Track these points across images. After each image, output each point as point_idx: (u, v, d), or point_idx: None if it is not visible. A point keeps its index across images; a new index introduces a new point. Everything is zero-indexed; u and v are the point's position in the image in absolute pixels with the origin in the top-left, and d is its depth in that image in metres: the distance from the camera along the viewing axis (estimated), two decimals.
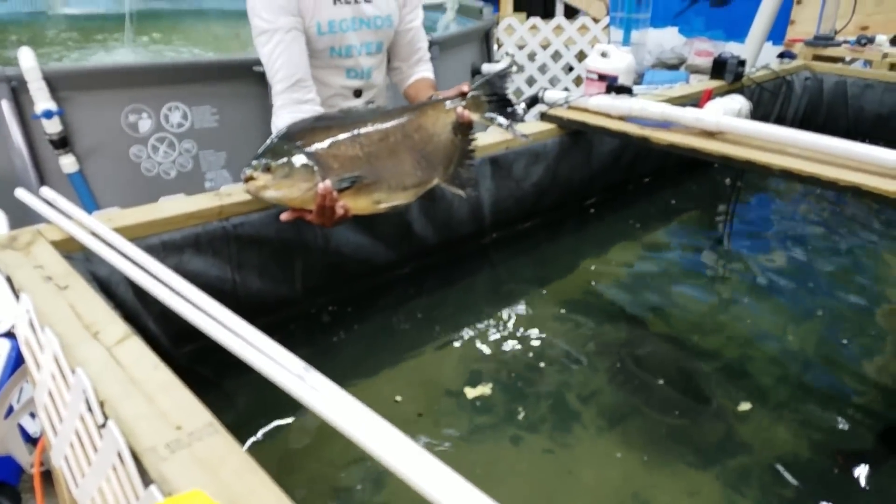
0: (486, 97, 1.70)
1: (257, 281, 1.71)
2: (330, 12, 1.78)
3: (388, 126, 1.60)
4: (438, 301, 1.95)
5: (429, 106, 1.69)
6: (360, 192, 1.53)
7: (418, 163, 1.63)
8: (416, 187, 1.64)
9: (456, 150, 1.69)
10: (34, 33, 5.25)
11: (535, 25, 4.27)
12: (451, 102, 1.68)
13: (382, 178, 1.57)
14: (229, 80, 2.57)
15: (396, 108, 1.70)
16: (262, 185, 1.47)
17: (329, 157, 1.50)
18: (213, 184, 2.64)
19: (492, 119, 1.72)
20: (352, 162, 1.53)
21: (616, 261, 2.22)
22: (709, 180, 2.95)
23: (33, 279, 1.18)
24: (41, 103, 2.26)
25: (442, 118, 1.66)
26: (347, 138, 1.53)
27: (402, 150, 1.60)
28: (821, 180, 1.74)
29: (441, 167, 1.68)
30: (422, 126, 1.64)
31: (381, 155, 1.57)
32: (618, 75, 2.29)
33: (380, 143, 1.57)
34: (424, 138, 1.64)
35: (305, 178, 1.47)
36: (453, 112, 1.67)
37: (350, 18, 1.81)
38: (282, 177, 1.46)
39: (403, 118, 1.63)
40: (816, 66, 3.37)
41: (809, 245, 2.36)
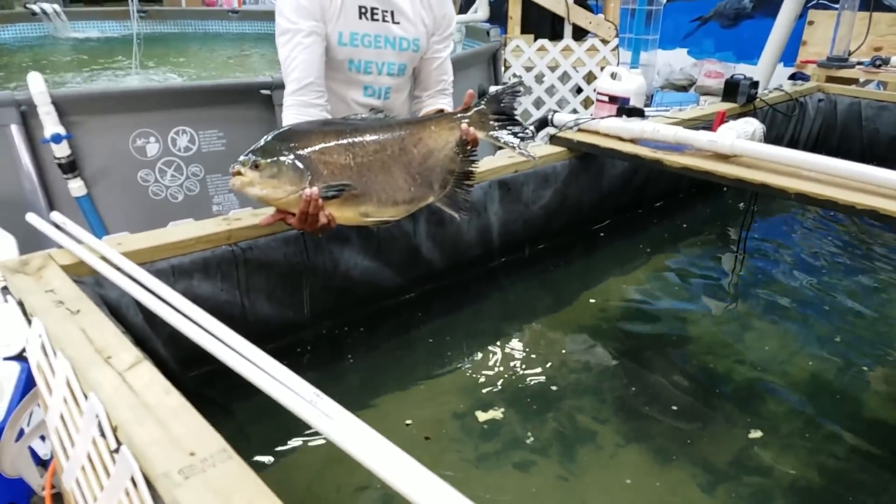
0: (493, 115, 1.65)
1: (266, 305, 1.69)
2: (353, 25, 1.76)
3: (386, 138, 1.56)
4: (447, 325, 1.92)
5: (432, 120, 1.64)
6: (347, 202, 1.50)
7: (413, 179, 1.58)
8: (408, 204, 1.60)
9: (455, 169, 1.63)
10: (42, 57, 5.31)
11: (544, 47, 4.29)
12: (455, 118, 1.63)
13: (372, 190, 1.53)
14: (236, 103, 2.60)
15: (400, 119, 1.66)
16: (248, 182, 1.43)
17: (319, 163, 1.46)
18: (220, 208, 2.65)
19: (497, 138, 1.66)
20: (342, 170, 1.49)
21: (627, 285, 2.20)
22: (721, 204, 2.92)
23: (45, 304, 1.17)
24: (50, 128, 2.28)
25: (444, 134, 1.62)
26: (341, 146, 1.50)
27: (397, 163, 1.56)
28: (837, 204, 1.72)
29: (437, 185, 1.62)
30: (422, 141, 1.59)
31: (373, 167, 1.53)
32: (629, 97, 2.29)
33: (374, 154, 1.53)
34: (423, 154, 1.59)
35: (292, 181, 1.44)
36: (457, 128, 1.62)
37: (373, 35, 1.79)
38: (268, 176, 1.42)
39: (404, 131, 1.59)
40: (830, 88, 3.36)
41: (824, 270, 2.33)
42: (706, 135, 2.01)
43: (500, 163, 2.11)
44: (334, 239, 1.75)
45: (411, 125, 1.62)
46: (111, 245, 1.41)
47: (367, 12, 1.77)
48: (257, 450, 1.41)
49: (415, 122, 1.64)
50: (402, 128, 1.59)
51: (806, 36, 5.32)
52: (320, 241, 1.73)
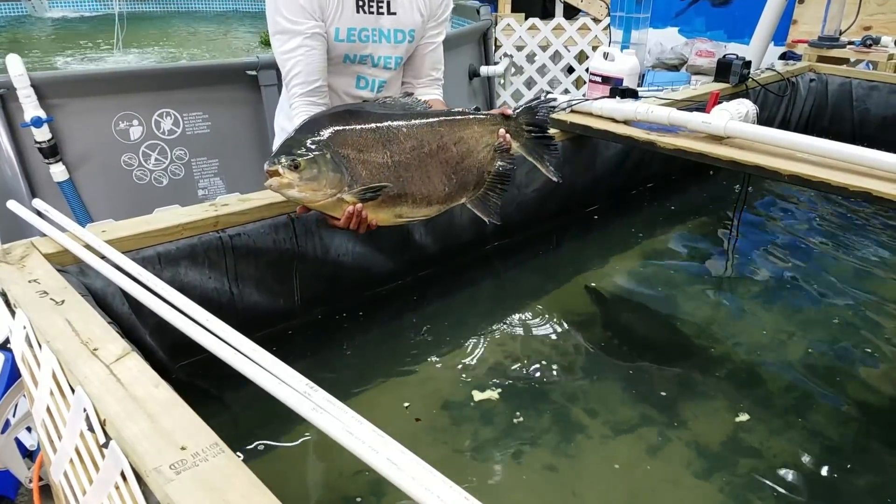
0: (527, 126, 1.63)
1: (255, 293, 1.66)
2: (351, 20, 1.71)
3: (424, 134, 1.50)
4: (441, 311, 1.90)
5: (475, 120, 1.59)
6: (383, 203, 1.46)
7: (449, 178, 1.54)
8: (441, 203, 1.56)
9: (491, 171, 1.60)
10: (20, 37, 5.19)
11: (535, 26, 4.23)
12: (497, 121, 1.60)
13: (408, 190, 1.48)
14: (221, 84, 2.54)
15: (438, 112, 1.59)
16: (287, 184, 1.38)
17: (358, 163, 1.41)
18: (206, 192, 2.60)
19: (528, 151, 1.66)
20: (380, 170, 1.44)
21: (620, 268, 2.19)
22: (714, 185, 2.92)
23: (29, 295, 1.14)
24: (30, 111, 2.22)
25: (486, 137, 1.58)
26: (380, 143, 1.44)
27: (435, 161, 1.51)
28: (831, 185, 1.71)
29: (472, 187, 1.59)
30: (463, 140, 1.55)
31: (410, 165, 1.48)
32: (622, 77, 2.26)
33: (411, 152, 1.48)
34: (462, 153, 1.55)
35: (332, 184, 1.39)
36: (497, 133, 1.59)
37: (370, 29, 1.74)
38: (308, 178, 1.38)
39: (444, 127, 1.53)
40: (821, 68, 3.35)
41: (817, 251, 2.33)
42: (700, 116, 1.99)
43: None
44: (324, 224, 1.72)
45: (452, 122, 1.56)
46: (95, 233, 1.37)
47: (364, 5, 1.72)
48: (249, 440, 1.39)
49: (456, 119, 1.58)
50: (442, 124, 1.54)
51: (796, 15, 5.30)
52: (310, 226, 1.70)
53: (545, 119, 1.67)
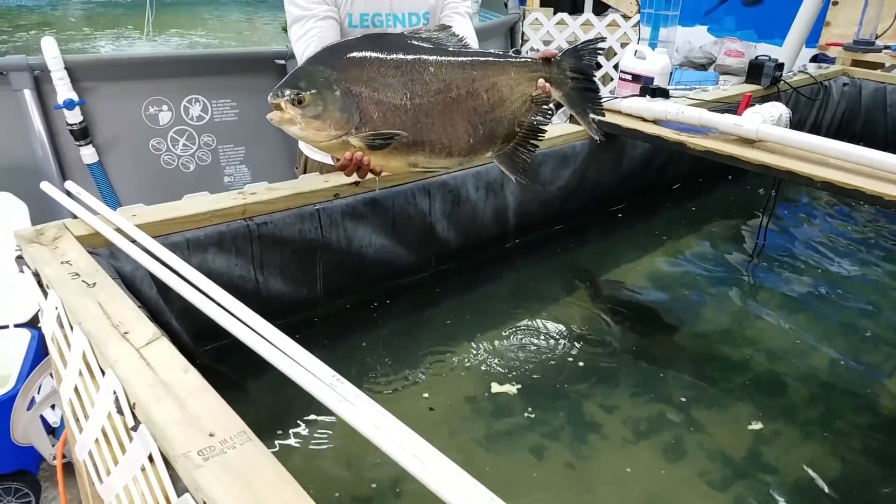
0: (571, 73, 1.44)
1: (280, 281, 1.68)
2: (365, 5, 1.71)
3: (453, 76, 1.33)
4: (461, 305, 1.90)
5: (513, 64, 1.41)
6: (396, 150, 1.32)
7: (475, 128, 1.38)
8: (463, 156, 1.41)
9: (525, 123, 1.44)
10: (53, 20, 5.26)
11: (563, 21, 4.20)
12: (537, 67, 1.42)
13: (426, 138, 1.33)
14: (250, 72, 2.55)
15: (473, 51, 1.40)
16: (288, 119, 1.27)
17: (371, 102, 1.27)
18: (231, 179, 2.62)
19: (570, 103, 1.47)
20: (395, 113, 1.29)
21: (643, 269, 2.17)
22: (740, 188, 2.88)
23: (61, 276, 1.15)
24: (63, 93, 2.25)
25: (523, 85, 1.41)
26: (399, 82, 1.29)
27: (462, 108, 1.35)
28: (864, 194, 1.68)
29: (500, 141, 1.43)
30: (496, 86, 1.38)
31: (433, 110, 1.32)
32: (653, 76, 2.23)
33: (437, 95, 1.32)
34: (494, 102, 1.38)
35: (337, 124, 1.27)
36: (534, 82, 1.41)
37: (384, 14, 1.75)
38: (311, 115, 1.26)
39: (476, 70, 1.36)
40: (855, 72, 3.28)
41: (846, 260, 2.29)
42: (731, 118, 1.97)
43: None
44: (349, 216, 1.73)
45: (487, 65, 1.38)
46: (126, 217, 1.39)
47: None
48: (271, 426, 1.40)
49: (491, 61, 1.40)
50: (476, 66, 1.37)
51: (829, 16, 5.20)
52: (335, 217, 1.71)
53: (592, 65, 1.50)
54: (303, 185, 1.67)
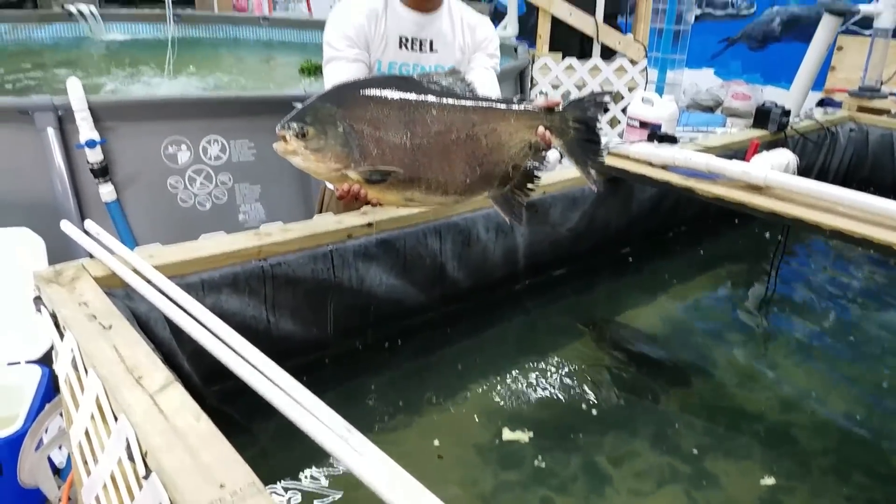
0: (574, 123, 1.48)
1: (291, 322, 1.69)
2: (394, 55, 1.78)
3: (454, 118, 1.39)
4: (471, 348, 1.91)
5: (513, 112, 1.45)
6: (393, 185, 1.37)
7: (473, 170, 1.42)
8: (459, 195, 1.45)
9: (520, 170, 1.48)
10: (76, 57, 5.39)
11: (571, 66, 4.27)
12: (537, 116, 1.46)
13: (423, 176, 1.38)
14: (269, 114, 2.60)
15: (476, 96, 1.45)
16: (291, 150, 1.34)
17: (371, 140, 1.33)
18: (246, 216, 2.66)
19: (571, 153, 1.50)
20: (395, 151, 1.35)
21: (654, 314, 2.17)
22: (749, 232, 2.89)
23: (78, 317, 1.17)
24: (85, 133, 2.30)
25: (522, 132, 1.45)
26: (400, 121, 1.34)
27: (460, 150, 1.40)
28: (873, 243, 1.68)
29: (497, 182, 1.47)
30: (496, 131, 1.43)
31: (432, 151, 1.37)
32: (661, 123, 2.27)
33: (437, 136, 1.37)
34: (492, 146, 1.43)
35: (337, 158, 1.33)
36: (535, 129, 1.45)
37: (412, 64, 1.81)
38: (313, 149, 1.32)
39: (477, 115, 1.41)
40: (862, 118, 3.31)
41: (857, 307, 2.28)
42: (739, 165, 1.99)
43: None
44: (361, 256, 1.75)
45: (487, 110, 1.44)
46: (143, 257, 1.41)
47: (408, 42, 1.78)
48: (280, 473, 1.40)
49: (493, 107, 1.45)
50: (476, 111, 1.42)
51: (835, 61, 5.28)
52: (348, 257, 1.73)
53: (595, 117, 1.51)
54: (317, 226, 1.70)
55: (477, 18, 1.89)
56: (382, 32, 1.75)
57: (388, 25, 1.76)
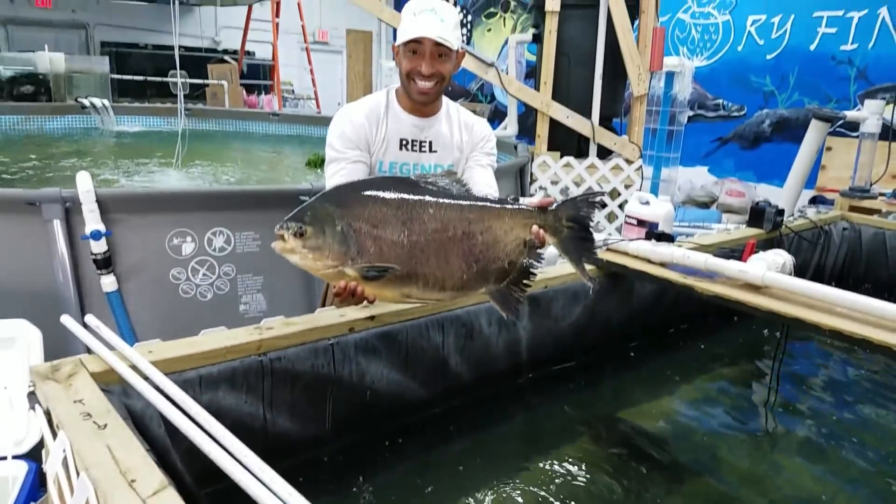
0: (568, 222, 1.53)
1: (288, 419, 1.66)
2: (394, 155, 1.85)
3: (451, 217, 1.43)
4: (473, 448, 1.86)
5: (507, 211, 1.49)
6: (390, 282, 1.40)
7: (469, 266, 1.45)
8: (456, 291, 1.48)
9: (516, 266, 1.51)
10: (87, 148, 5.55)
11: (569, 163, 4.41)
12: (531, 214, 1.51)
13: (420, 272, 1.41)
14: (275, 207, 2.66)
15: (471, 196, 1.50)
16: (289, 249, 1.37)
17: (369, 237, 1.37)
18: (247, 307, 2.65)
19: (566, 251, 1.54)
20: (392, 248, 1.38)
21: (657, 412, 2.13)
22: (750, 329, 2.88)
23: (73, 416, 1.16)
24: (91, 224, 2.33)
25: (517, 230, 1.50)
26: (398, 220, 1.38)
27: (457, 247, 1.43)
28: (873, 344, 1.68)
29: (493, 279, 1.50)
30: (491, 229, 1.47)
31: (429, 248, 1.41)
32: (658, 221, 2.31)
33: (433, 234, 1.41)
34: (488, 243, 1.47)
35: (335, 256, 1.36)
36: (529, 228, 1.50)
37: (412, 164, 1.88)
38: (311, 247, 1.36)
39: (473, 213, 1.46)
40: (854, 217, 3.39)
41: (861, 407, 2.25)
42: (737, 265, 2.01)
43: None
44: (363, 350, 1.74)
45: (483, 209, 1.48)
46: (142, 353, 1.40)
47: (408, 143, 1.85)
48: None
49: (488, 206, 1.50)
50: (472, 210, 1.46)
51: (825, 161, 5.45)
52: (349, 351, 1.72)
53: (589, 216, 1.55)
54: (319, 320, 1.70)
55: (474, 119, 1.97)
56: (384, 135, 1.83)
57: (389, 128, 1.83)
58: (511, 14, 9.10)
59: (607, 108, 4.58)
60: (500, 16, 9.25)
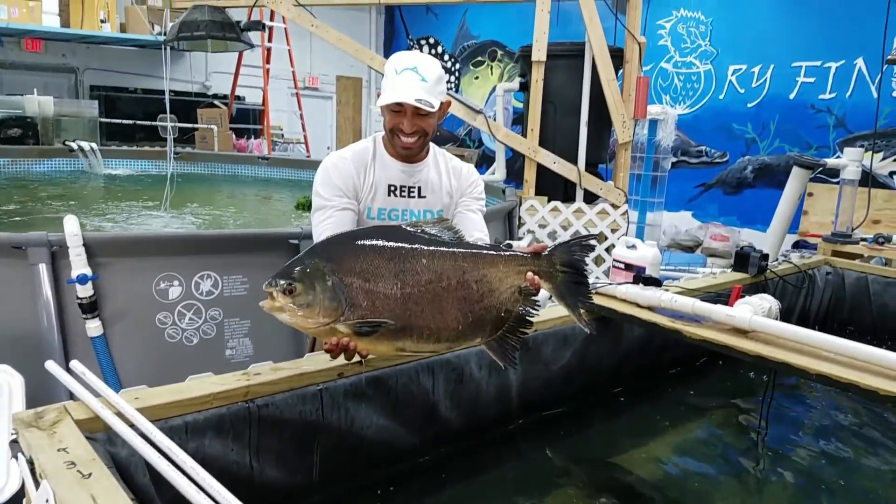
0: (561, 267, 1.50)
1: (275, 467, 1.62)
2: (383, 202, 1.85)
3: (444, 266, 1.40)
4: (464, 496, 1.83)
5: (501, 258, 1.47)
6: (383, 336, 1.36)
7: (465, 316, 1.42)
8: (451, 342, 1.44)
9: (512, 314, 1.47)
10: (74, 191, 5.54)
11: (557, 208, 4.47)
12: (526, 261, 1.48)
13: (415, 325, 1.37)
14: (262, 251, 2.65)
15: (464, 244, 1.48)
16: (279, 307, 1.33)
17: (360, 292, 1.33)
18: (233, 352, 2.63)
19: (561, 296, 1.52)
20: (385, 302, 1.35)
21: (648, 458, 2.11)
22: (738, 372, 2.88)
23: (57, 465, 1.13)
24: (78, 268, 2.31)
25: (512, 277, 1.47)
26: (390, 272, 1.35)
27: (451, 297, 1.40)
28: (860, 388, 1.69)
29: (489, 328, 1.46)
30: (486, 278, 1.44)
31: (422, 299, 1.37)
32: (645, 266, 2.34)
33: (428, 285, 1.38)
34: (483, 292, 1.43)
35: (326, 313, 1.32)
36: (524, 275, 1.47)
37: (400, 210, 1.88)
38: (301, 304, 1.32)
39: (467, 262, 1.42)
40: (837, 262, 3.44)
41: (850, 450, 2.24)
42: (724, 309, 2.03)
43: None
44: (351, 396, 1.72)
45: (477, 257, 1.45)
46: (128, 400, 1.38)
47: (396, 189, 1.85)
48: None
49: (481, 254, 1.47)
50: (466, 258, 1.43)
51: (807, 206, 5.57)
52: (338, 397, 1.70)
53: (582, 260, 1.53)
54: (307, 365, 1.68)
55: (461, 164, 1.98)
56: (371, 182, 1.82)
57: (377, 175, 1.83)
58: (498, 63, 9.33)
59: (593, 154, 4.68)
60: (487, 64, 9.47)
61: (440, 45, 9.28)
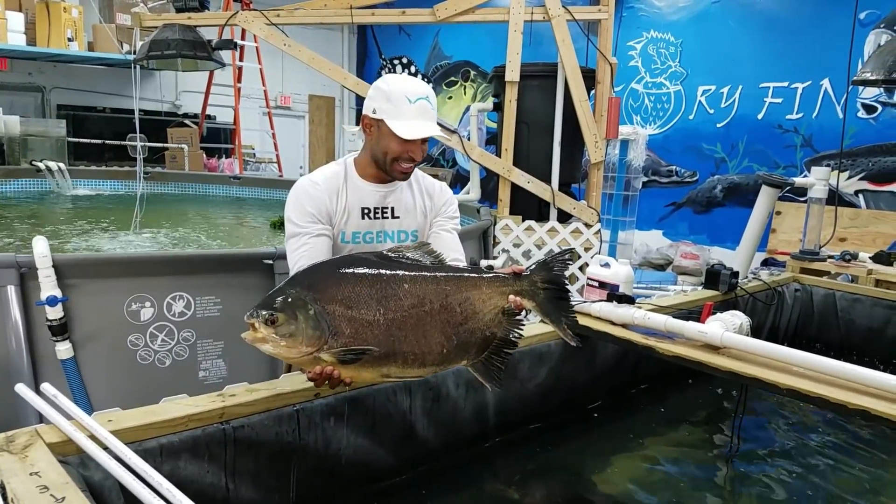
0: (543, 284, 1.52)
1: (251, 488, 1.61)
2: (357, 225, 1.82)
3: (427, 290, 1.40)
4: None
5: (483, 280, 1.48)
6: (368, 363, 1.36)
7: (449, 339, 1.42)
8: (437, 365, 1.45)
9: (497, 334, 1.49)
10: (41, 212, 5.43)
11: (531, 227, 4.52)
12: (508, 282, 1.49)
13: (399, 350, 1.37)
14: (237, 271, 2.63)
15: (446, 267, 1.49)
16: (261, 338, 1.33)
17: (343, 319, 1.33)
18: (206, 373, 2.59)
19: (546, 314, 1.54)
20: (368, 328, 1.35)
21: (623, 474, 2.13)
22: (710, 387, 2.93)
23: (29, 490, 1.11)
24: (47, 290, 2.27)
25: (494, 298, 1.48)
26: (373, 298, 1.35)
27: (435, 321, 1.40)
28: (829, 402, 1.74)
29: (474, 350, 1.47)
30: (469, 300, 1.44)
31: (406, 324, 1.37)
32: (619, 284, 2.37)
33: (411, 309, 1.38)
34: (467, 315, 1.44)
35: (309, 342, 1.32)
36: (506, 296, 1.48)
37: (375, 232, 1.86)
38: (283, 334, 1.32)
39: (449, 285, 1.43)
40: (805, 279, 3.52)
41: (822, 463, 2.28)
42: (696, 326, 2.07)
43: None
44: (329, 416, 1.71)
45: (459, 280, 1.46)
46: (101, 422, 1.36)
47: (370, 212, 1.83)
48: None
49: (464, 276, 1.48)
50: (448, 281, 1.44)
51: (775, 224, 5.71)
52: (315, 418, 1.69)
53: (562, 274, 1.55)
54: (283, 386, 1.67)
55: (435, 183, 1.99)
56: (344, 205, 1.79)
57: (350, 198, 1.80)
58: (471, 83, 9.43)
59: (566, 173, 4.74)
60: (460, 84, 9.57)
61: (413, 64, 9.34)
